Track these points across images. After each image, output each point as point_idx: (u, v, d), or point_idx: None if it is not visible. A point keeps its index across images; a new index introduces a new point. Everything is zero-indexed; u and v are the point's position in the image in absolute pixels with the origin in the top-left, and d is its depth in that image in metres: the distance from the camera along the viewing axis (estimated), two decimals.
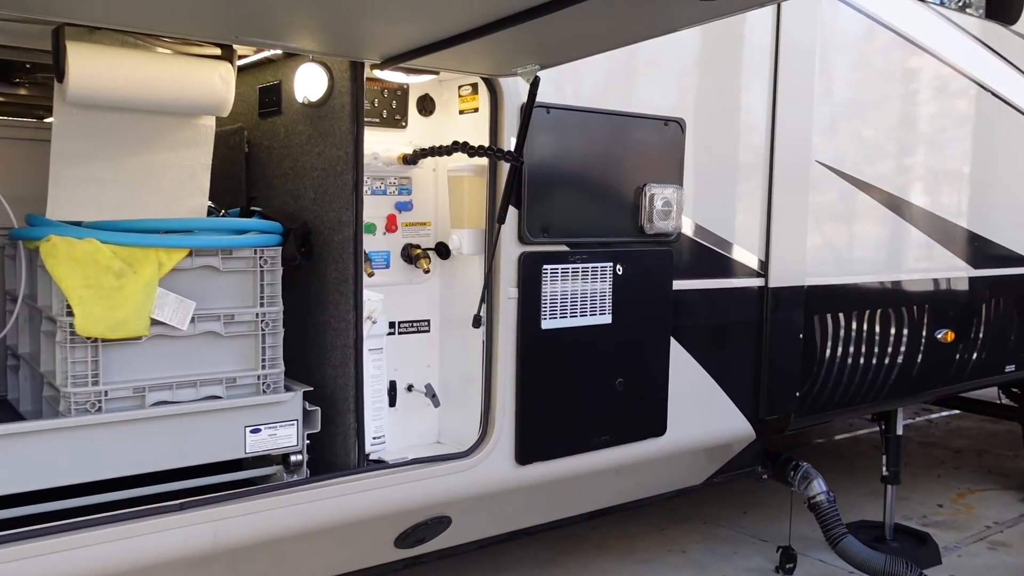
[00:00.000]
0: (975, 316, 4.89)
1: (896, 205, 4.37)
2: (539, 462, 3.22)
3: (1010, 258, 5.06)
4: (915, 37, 4.36)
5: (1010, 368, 5.20)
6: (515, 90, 3.03)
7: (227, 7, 2.12)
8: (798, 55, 3.84)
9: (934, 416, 8.25)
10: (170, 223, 2.60)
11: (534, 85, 2.75)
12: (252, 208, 2.99)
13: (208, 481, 2.69)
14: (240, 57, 3.22)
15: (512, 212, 3.08)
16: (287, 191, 3.14)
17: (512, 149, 2.94)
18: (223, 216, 2.98)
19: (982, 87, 4.75)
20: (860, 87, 4.19)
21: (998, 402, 6.50)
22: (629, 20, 2.25)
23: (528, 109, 2.78)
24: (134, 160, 2.81)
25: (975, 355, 4.92)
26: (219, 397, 2.68)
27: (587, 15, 2.12)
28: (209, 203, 2.94)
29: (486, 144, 3.04)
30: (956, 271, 4.74)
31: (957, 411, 7.72)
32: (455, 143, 2.93)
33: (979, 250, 4.85)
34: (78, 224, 2.58)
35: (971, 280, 4.83)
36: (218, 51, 2.82)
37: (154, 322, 2.55)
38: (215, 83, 2.75)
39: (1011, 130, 4.98)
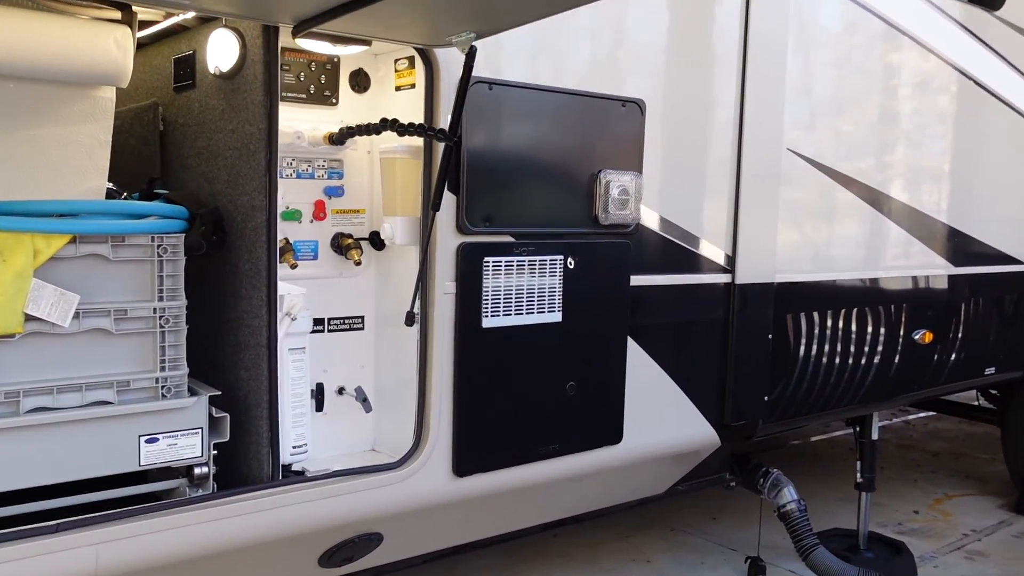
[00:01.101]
0: (954, 316, 4.66)
1: (873, 198, 4.12)
2: (479, 474, 2.94)
3: (992, 256, 4.82)
4: (896, 21, 4.11)
5: (990, 370, 4.98)
6: (453, 64, 2.73)
7: None
8: (769, 36, 3.56)
9: (911, 417, 8.06)
10: (51, 205, 2.28)
11: (470, 56, 2.46)
12: (155, 191, 2.68)
13: (97, 497, 2.38)
14: (149, 24, 2.92)
15: (450, 199, 2.79)
16: (201, 173, 2.83)
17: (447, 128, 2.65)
18: (125, 199, 2.66)
19: (965, 76, 4.51)
20: (836, 72, 3.92)
21: (976, 404, 6.30)
22: None
23: (464, 83, 2.49)
24: (20, 135, 2.50)
25: (954, 357, 4.68)
26: (110, 403, 2.38)
27: None
28: (109, 184, 2.64)
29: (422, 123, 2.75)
30: (935, 269, 4.50)
31: (934, 413, 7.53)
32: (383, 121, 2.63)
33: (960, 247, 4.61)
34: None
35: (951, 278, 4.58)
36: (116, 13, 2.51)
37: (30, 318, 2.24)
38: (110, 49, 2.44)
39: (995, 121, 4.73)
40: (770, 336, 3.75)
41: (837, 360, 4.09)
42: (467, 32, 2.42)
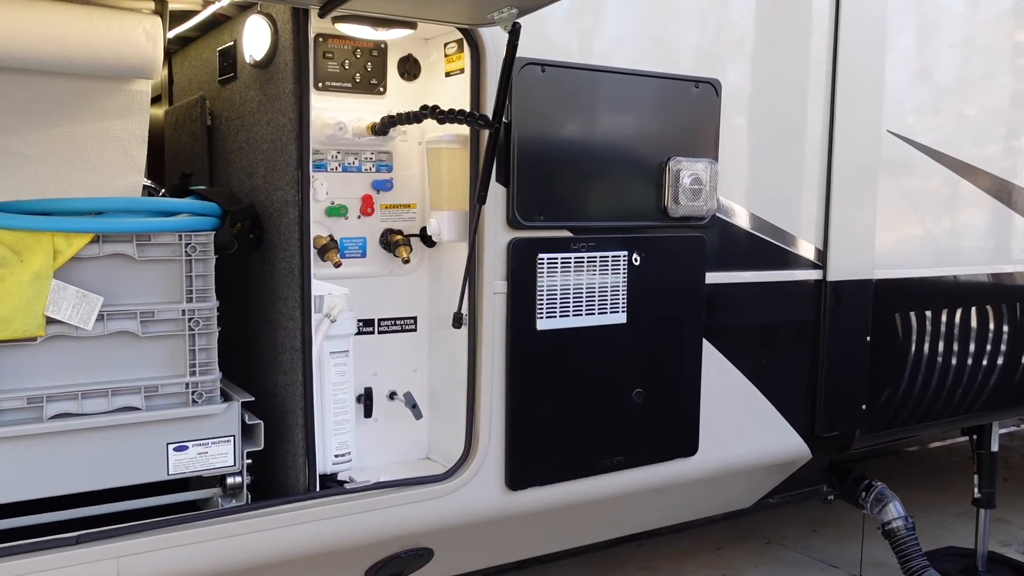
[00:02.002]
0: None
1: (993, 186, 3.68)
2: (534, 487, 2.72)
3: None
4: None
5: None
6: (501, 45, 2.51)
7: None
8: (865, 4, 3.20)
9: None
10: (73, 203, 2.19)
11: (514, 34, 2.25)
12: (189, 187, 2.57)
13: (125, 507, 2.29)
14: (191, 15, 2.83)
15: (500, 191, 2.58)
16: (241, 168, 2.71)
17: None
18: (162, 195, 2.57)
19: None
20: (950, 48, 3.51)
21: None
22: None
23: (508, 64, 2.28)
24: (56, 132, 2.43)
25: None
26: (137, 409, 2.28)
27: None
28: (147, 181, 2.55)
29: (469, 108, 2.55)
30: None
31: None
32: (424, 107, 2.45)
33: None
34: None
35: None
36: (149, 3, 2.41)
37: (51, 320, 2.16)
38: (139, 40, 2.35)
39: None
40: (868, 338, 3.39)
41: (949, 364, 3.69)
42: (508, 8, 2.21)
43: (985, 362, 3.80)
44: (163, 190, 2.61)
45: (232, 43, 2.74)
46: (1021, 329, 3.89)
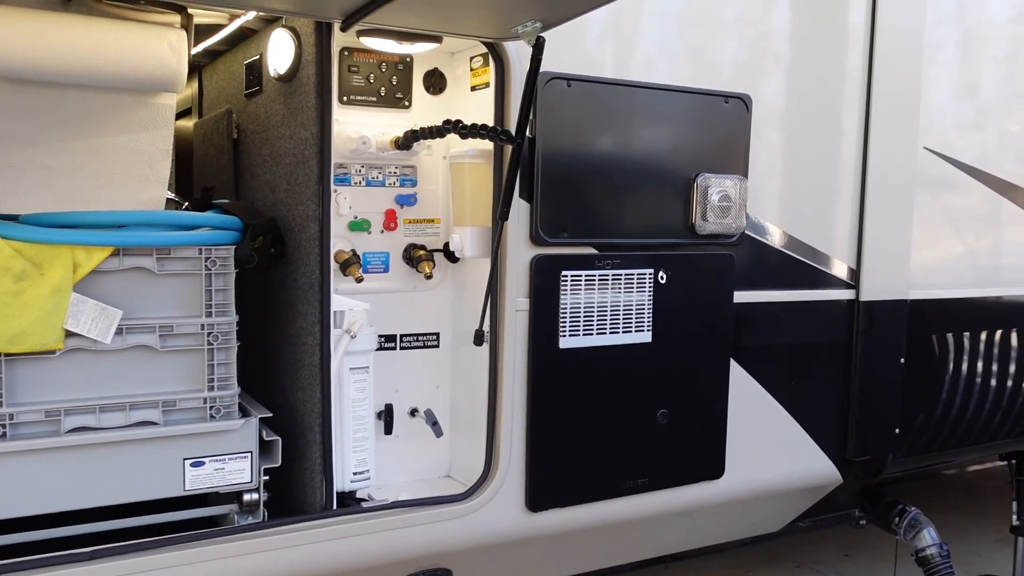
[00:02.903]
0: None
1: None
2: (556, 509, 2.67)
3: None
4: None
5: None
6: (526, 59, 2.48)
7: None
8: (901, 18, 3.12)
9: None
10: (94, 216, 2.19)
11: (538, 48, 2.21)
12: (211, 201, 2.56)
13: (141, 522, 2.27)
14: (218, 28, 2.83)
15: (524, 207, 2.54)
16: (265, 181, 2.70)
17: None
18: (185, 208, 2.57)
19: None
20: (988, 63, 3.42)
21: None
22: None
23: (531, 79, 2.24)
24: (82, 144, 2.44)
25: None
26: (155, 423, 2.26)
27: None
28: (170, 195, 2.54)
29: (493, 123, 2.52)
30: None
31: None
32: (447, 122, 2.42)
33: None
34: None
35: None
36: (174, 17, 2.42)
37: (70, 334, 2.15)
38: (163, 53, 2.35)
39: None
40: (902, 360, 3.30)
41: (989, 387, 3.58)
42: (532, 21, 2.18)
43: (1021, 385, 3.69)
44: (185, 203, 2.60)
45: (258, 56, 2.74)
46: None
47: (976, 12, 3.38)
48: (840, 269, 3.14)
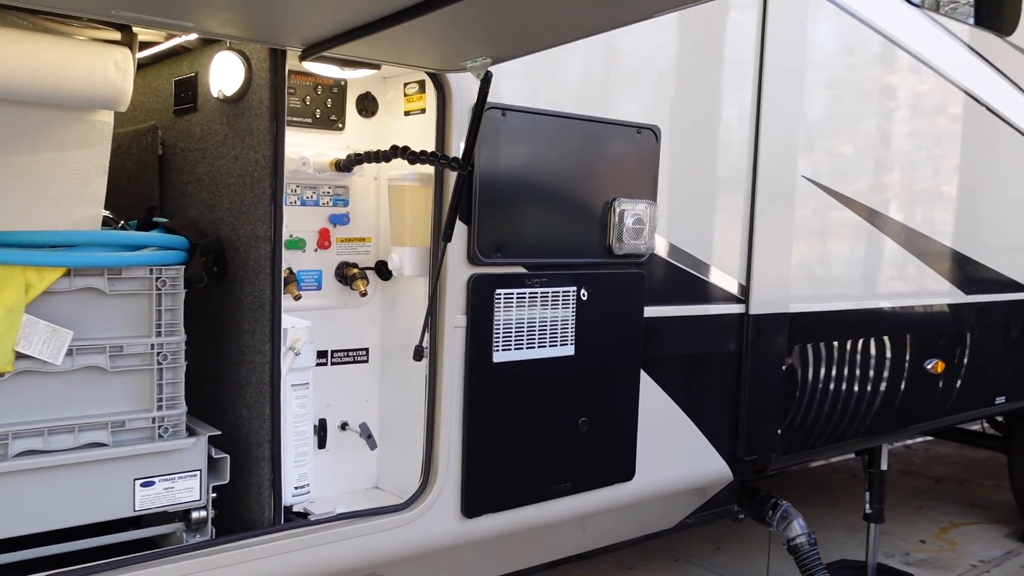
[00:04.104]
0: (966, 345, 4.57)
1: (886, 226, 4.03)
2: (489, 515, 2.81)
3: (1003, 283, 4.74)
4: (911, 47, 4.03)
5: (1000, 400, 4.89)
6: (466, 89, 2.63)
7: None
8: (784, 63, 3.47)
9: (912, 443, 7.97)
10: (44, 236, 2.16)
11: (485, 82, 2.35)
12: (154, 220, 2.56)
13: (87, 544, 2.25)
14: (150, 45, 2.81)
15: (461, 229, 2.68)
16: (202, 200, 2.71)
17: (460, 156, 2.54)
18: (122, 228, 2.54)
19: (978, 102, 4.44)
20: (853, 100, 3.84)
21: (981, 431, 6.22)
22: (597, 4, 1.86)
23: (478, 110, 2.38)
24: (12, 160, 2.37)
25: (966, 386, 4.59)
26: (104, 444, 2.25)
27: None
28: (106, 213, 2.51)
29: (432, 149, 2.64)
30: (947, 297, 4.41)
31: (933, 438, 7.46)
32: (394, 148, 2.52)
33: (971, 275, 4.53)
34: None
35: (963, 307, 4.50)
36: (115, 34, 2.40)
37: (20, 355, 2.11)
38: (109, 72, 2.33)
39: (1006, 148, 4.66)
40: (784, 368, 3.65)
41: (849, 391, 4.00)
42: (482, 57, 2.32)
43: (879, 388, 4.13)
44: (121, 222, 2.57)
45: (193, 75, 2.74)
46: (908, 358, 4.25)
47: (844, 60, 3.79)
48: (732, 286, 3.45)
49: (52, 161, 2.41)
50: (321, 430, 2.87)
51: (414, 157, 2.48)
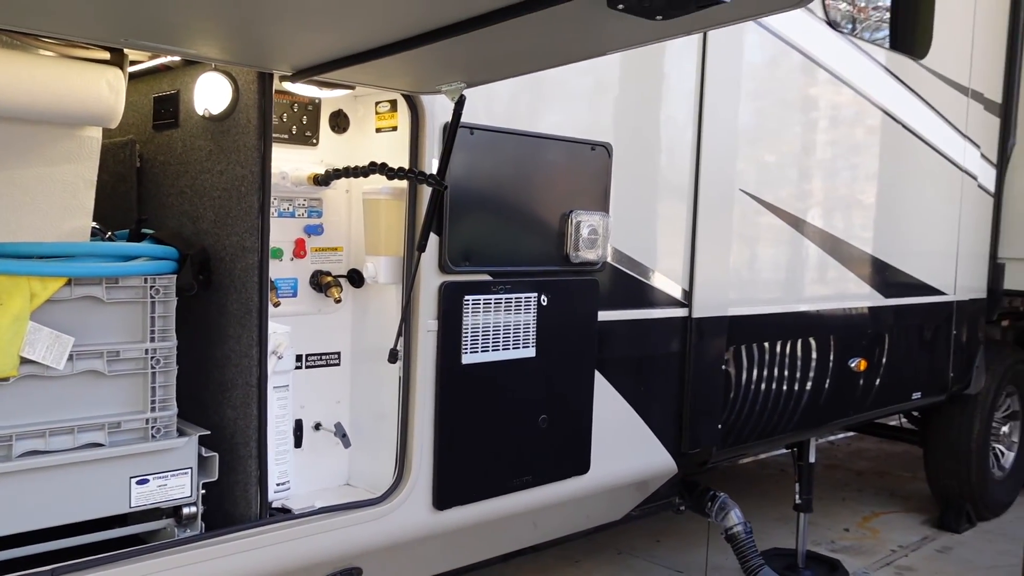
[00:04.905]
0: (886, 344, 4.93)
1: (813, 234, 4.35)
2: (458, 506, 3.00)
3: (916, 286, 5.13)
4: (835, 69, 4.36)
5: (917, 395, 5.28)
6: (438, 109, 2.83)
7: (115, 6, 1.85)
8: (722, 87, 3.76)
9: (835, 438, 8.40)
10: (46, 247, 2.28)
11: (459, 104, 2.55)
12: (143, 231, 2.68)
13: (79, 541, 2.36)
14: (133, 63, 2.93)
15: (433, 239, 2.87)
16: (184, 212, 2.84)
17: (434, 172, 2.73)
18: (109, 239, 2.66)
19: (895, 120, 4.81)
20: (781, 121, 4.15)
21: (899, 425, 6.64)
22: (563, 39, 2.08)
23: (452, 130, 2.57)
24: (4, 175, 2.48)
25: (886, 383, 4.96)
26: (101, 444, 2.37)
27: (516, 33, 1.95)
28: (94, 224, 2.63)
29: (405, 165, 2.82)
30: (868, 300, 4.77)
31: (855, 433, 7.88)
32: (372, 164, 2.70)
33: (889, 279, 4.90)
34: None
35: (882, 309, 4.86)
36: (106, 55, 2.52)
37: (24, 361, 2.23)
38: (102, 91, 2.45)
39: (921, 163, 5.05)
40: (723, 367, 3.93)
41: (781, 389, 4.30)
42: (457, 82, 2.52)
43: (807, 385, 4.45)
44: (109, 233, 2.69)
45: (175, 92, 2.87)
46: (833, 358, 4.59)
47: (776, 83, 4.10)
48: (677, 292, 3.71)
49: (42, 175, 2.52)
50: (297, 430, 3.02)
51: (392, 173, 2.66)
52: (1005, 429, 6.22)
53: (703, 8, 1.64)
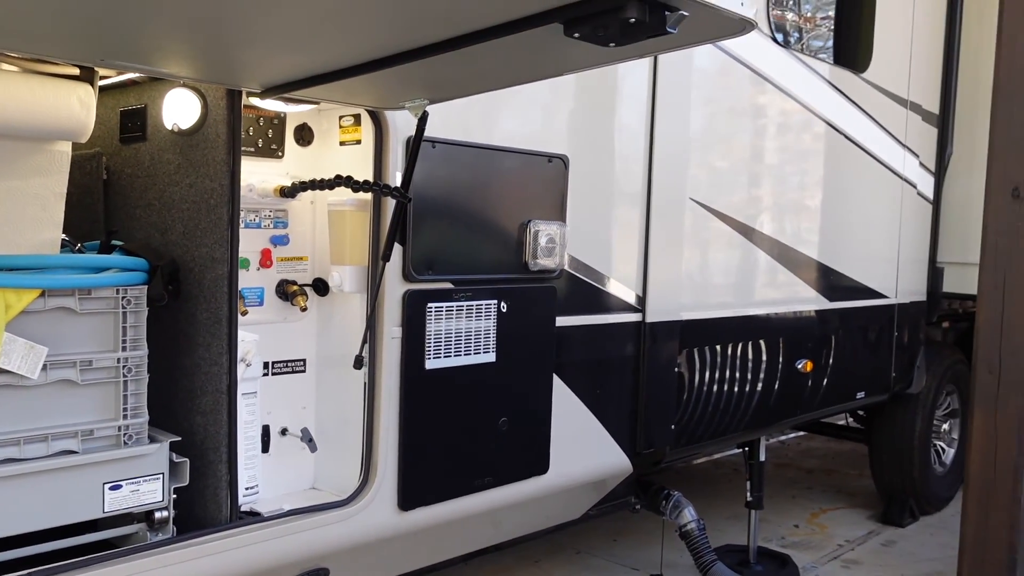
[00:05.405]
0: (830, 346, 5.13)
1: (761, 241, 4.53)
2: (422, 507, 3.11)
3: (860, 290, 5.35)
4: (782, 84, 4.55)
5: (861, 394, 5.49)
6: (401, 123, 2.93)
7: (93, 28, 1.93)
8: (672, 101, 3.91)
9: (785, 438, 8.64)
10: (20, 260, 2.34)
11: (422, 120, 2.66)
12: (113, 243, 2.74)
13: (53, 547, 2.42)
14: (101, 78, 2.98)
15: (397, 249, 2.97)
16: (152, 224, 2.91)
17: (398, 184, 2.84)
18: (79, 250, 2.72)
19: (837, 131, 5.01)
20: (732, 129, 4.32)
21: (845, 424, 6.87)
22: (523, 61, 2.20)
23: (416, 144, 2.68)
24: None
25: (831, 383, 5.15)
26: (74, 452, 2.43)
27: (479, 56, 2.07)
28: (64, 236, 2.68)
29: (370, 178, 2.92)
30: (814, 304, 4.96)
31: (805, 433, 8.11)
32: (338, 177, 2.80)
33: (833, 283, 5.10)
34: None
35: (827, 312, 5.06)
36: (76, 71, 2.59)
37: (0, 371, 2.28)
38: (73, 106, 2.52)
39: (862, 171, 5.27)
40: (676, 370, 4.08)
41: (732, 390, 4.46)
42: (420, 98, 2.63)
43: (757, 386, 4.63)
44: (79, 244, 2.74)
45: (142, 107, 2.93)
46: (781, 360, 4.77)
47: (725, 98, 4.27)
48: (631, 297, 3.86)
49: (13, 188, 2.58)
50: (264, 436, 3.09)
51: (357, 186, 2.76)
52: (946, 427, 6.48)
53: (651, 38, 1.77)
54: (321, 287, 3.18)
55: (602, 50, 1.92)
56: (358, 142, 3.06)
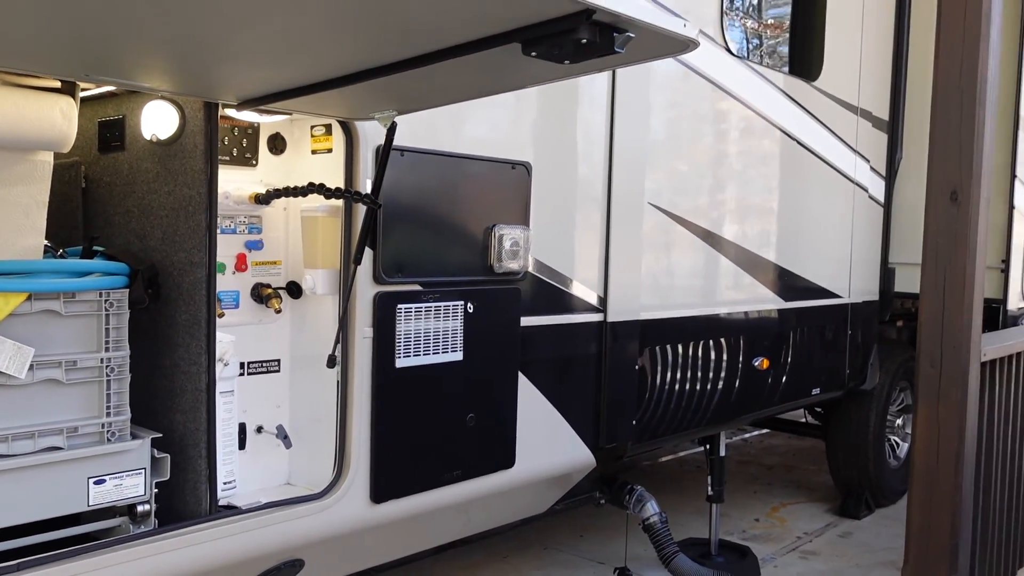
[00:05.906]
0: (786, 345, 5.33)
1: (718, 244, 4.73)
2: (394, 500, 3.24)
3: (814, 290, 5.56)
4: (739, 94, 4.75)
5: (816, 391, 5.70)
6: (371, 133, 3.08)
7: (77, 45, 2.05)
8: (630, 110, 4.09)
9: (748, 436, 8.86)
10: (7, 265, 2.45)
11: (391, 130, 2.81)
12: (94, 248, 2.86)
13: (39, 539, 2.53)
14: (82, 90, 3.09)
15: (367, 252, 3.11)
16: (131, 230, 3.02)
17: (368, 191, 2.98)
18: (61, 256, 2.83)
19: (789, 136, 5.22)
20: (689, 137, 4.51)
21: (804, 421, 7.09)
22: (486, 76, 2.36)
23: (385, 153, 2.83)
24: None
25: (787, 380, 5.36)
26: (60, 448, 2.55)
27: (445, 71, 2.22)
28: (45, 242, 2.79)
29: (341, 185, 3.06)
30: (770, 304, 5.16)
31: (767, 430, 8.34)
32: (311, 185, 2.93)
33: (788, 284, 5.31)
34: None
35: (782, 312, 5.26)
36: (58, 83, 2.70)
37: None
38: (55, 118, 2.63)
39: (815, 176, 5.49)
40: (637, 367, 4.25)
41: (691, 387, 4.64)
42: (389, 110, 2.77)
43: (716, 383, 4.82)
44: (61, 250, 2.85)
45: (120, 117, 3.05)
46: (738, 357, 4.96)
47: (682, 106, 4.46)
48: (593, 298, 4.03)
49: None
50: (240, 433, 3.21)
51: (330, 193, 2.89)
52: (899, 422, 6.71)
53: (602, 56, 1.93)
54: (295, 290, 3.31)
55: (558, 66, 2.09)
56: (329, 151, 3.19)
